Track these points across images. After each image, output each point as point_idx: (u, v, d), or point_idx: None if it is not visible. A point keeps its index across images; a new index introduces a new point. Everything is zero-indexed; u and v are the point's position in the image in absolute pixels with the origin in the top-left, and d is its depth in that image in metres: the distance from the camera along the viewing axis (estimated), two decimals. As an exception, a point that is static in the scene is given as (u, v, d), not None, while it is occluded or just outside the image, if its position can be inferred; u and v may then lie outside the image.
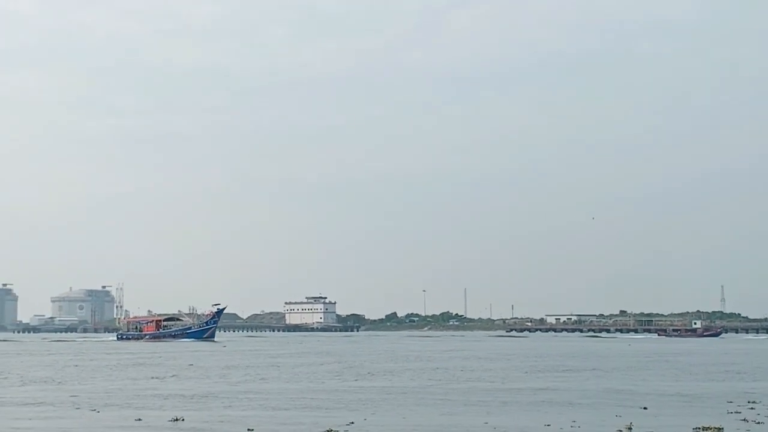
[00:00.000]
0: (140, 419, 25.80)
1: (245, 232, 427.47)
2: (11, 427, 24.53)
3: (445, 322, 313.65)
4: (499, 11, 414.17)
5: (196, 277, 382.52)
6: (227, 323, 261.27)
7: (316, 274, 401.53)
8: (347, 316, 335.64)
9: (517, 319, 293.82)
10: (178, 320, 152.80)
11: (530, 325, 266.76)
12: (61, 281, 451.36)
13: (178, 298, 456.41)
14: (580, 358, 69.62)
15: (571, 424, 24.48)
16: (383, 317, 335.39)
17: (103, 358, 71.71)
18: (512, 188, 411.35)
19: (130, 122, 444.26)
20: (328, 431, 23.07)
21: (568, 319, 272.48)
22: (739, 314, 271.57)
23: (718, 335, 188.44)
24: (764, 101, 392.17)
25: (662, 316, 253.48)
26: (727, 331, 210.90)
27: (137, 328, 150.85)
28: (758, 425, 24.26)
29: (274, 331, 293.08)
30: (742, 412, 27.20)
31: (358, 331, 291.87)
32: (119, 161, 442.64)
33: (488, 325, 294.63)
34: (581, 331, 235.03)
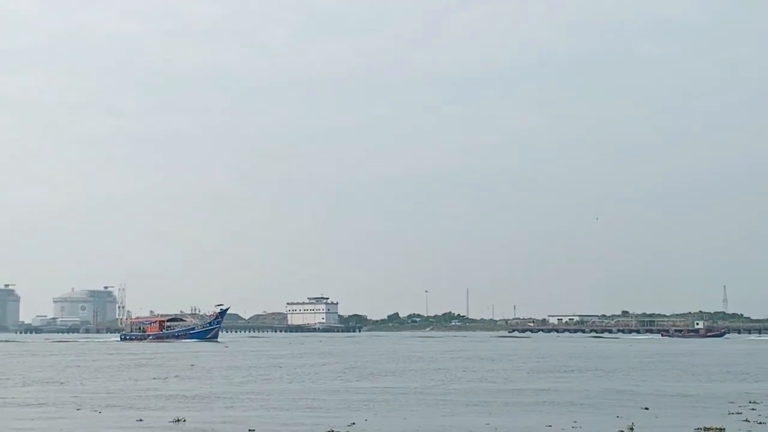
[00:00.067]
0: (141, 420, 25.83)
1: (246, 232, 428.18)
2: (13, 427, 24.57)
3: (447, 322, 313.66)
4: (499, 12, 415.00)
5: (197, 277, 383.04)
6: (229, 324, 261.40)
7: (318, 274, 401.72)
8: (349, 316, 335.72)
9: (519, 319, 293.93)
10: (181, 321, 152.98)
11: (532, 325, 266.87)
12: (63, 282, 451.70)
13: (179, 298, 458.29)
14: (582, 358, 69.59)
15: (572, 424, 24.49)
16: (385, 318, 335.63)
17: (105, 358, 71.75)
18: (514, 188, 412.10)
19: (130, 122, 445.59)
20: (329, 432, 23.12)
21: (570, 319, 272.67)
22: (741, 315, 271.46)
23: (722, 336, 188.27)
24: (764, 101, 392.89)
25: (664, 316, 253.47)
26: (729, 331, 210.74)
27: (140, 328, 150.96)
28: (760, 426, 24.25)
29: (276, 331, 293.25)
30: (743, 412, 27.21)
31: (360, 331, 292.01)
32: (120, 161, 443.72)
33: (490, 325, 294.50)
34: (583, 331, 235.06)
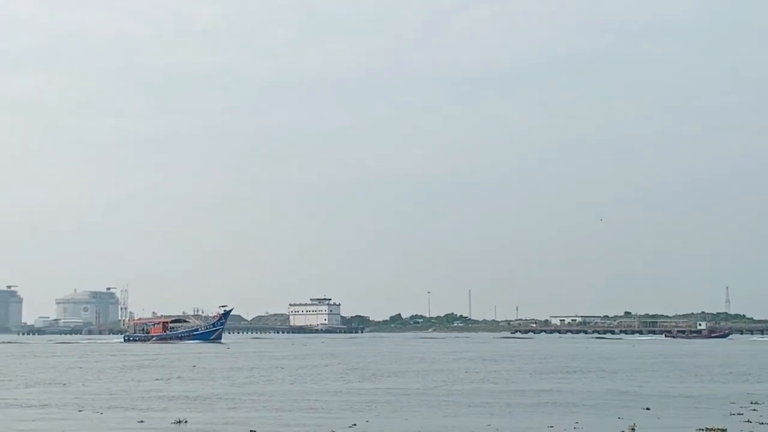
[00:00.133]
0: (143, 421, 25.84)
1: (248, 233, 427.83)
2: (15, 429, 24.62)
3: (449, 323, 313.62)
4: (499, 12, 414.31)
5: (199, 278, 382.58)
6: (232, 325, 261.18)
7: (320, 275, 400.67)
8: (352, 317, 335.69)
9: (521, 320, 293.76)
10: (185, 322, 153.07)
11: (535, 326, 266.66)
12: (65, 283, 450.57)
13: (181, 299, 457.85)
14: (584, 359, 69.54)
15: (574, 425, 24.49)
16: (387, 319, 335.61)
17: (108, 359, 71.80)
18: (516, 189, 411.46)
19: (131, 123, 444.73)
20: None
21: (572, 320, 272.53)
22: (744, 315, 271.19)
23: (725, 336, 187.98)
24: (767, 102, 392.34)
25: (667, 317, 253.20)
26: (732, 332, 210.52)
27: (144, 329, 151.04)
28: (762, 426, 24.24)
29: (278, 332, 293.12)
30: (745, 413, 27.19)
31: (362, 332, 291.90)
32: (121, 162, 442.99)
33: (493, 326, 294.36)
34: (586, 332, 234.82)
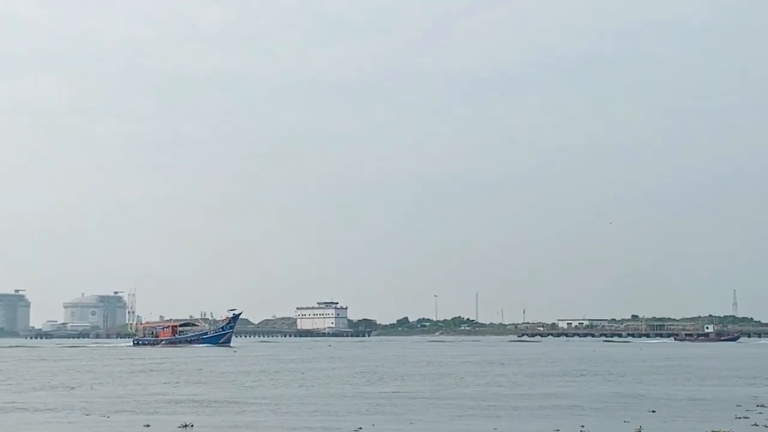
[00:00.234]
0: (149, 425, 25.85)
1: (256, 236, 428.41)
2: (22, 432, 24.71)
3: (456, 326, 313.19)
4: (507, 15, 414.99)
5: (206, 282, 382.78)
6: (239, 328, 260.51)
7: (327, 279, 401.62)
8: (359, 321, 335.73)
9: (528, 323, 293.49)
10: (194, 325, 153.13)
11: (542, 329, 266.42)
12: (73, 287, 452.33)
13: (189, 303, 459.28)
14: (591, 362, 69.45)
15: (580, 428, 24.48)
16: (394, 322, 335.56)
17: (116, 363, 71.88)
18: (522, 191, 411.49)
19: (140, 126, 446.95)
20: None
21: (579, 323, 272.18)
22: (751, 318, 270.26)
23: (735, 339, 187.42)
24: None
25: (674, 320, 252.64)
26: (741, 335, 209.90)
27: (153, 333, 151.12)
28: (768, 430, 24.19)
29: (285, 336, 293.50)
30: (751, 416, 27.13)
31: (369, 336, 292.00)
32: (129, 165, 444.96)
33: (500, 329, 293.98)
34: (593, 335, 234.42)
